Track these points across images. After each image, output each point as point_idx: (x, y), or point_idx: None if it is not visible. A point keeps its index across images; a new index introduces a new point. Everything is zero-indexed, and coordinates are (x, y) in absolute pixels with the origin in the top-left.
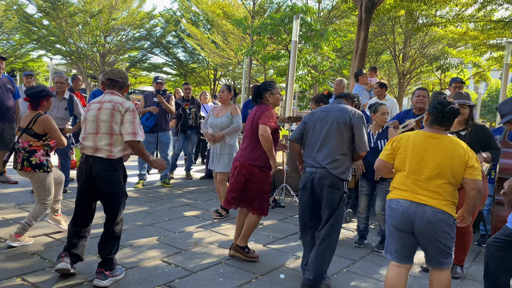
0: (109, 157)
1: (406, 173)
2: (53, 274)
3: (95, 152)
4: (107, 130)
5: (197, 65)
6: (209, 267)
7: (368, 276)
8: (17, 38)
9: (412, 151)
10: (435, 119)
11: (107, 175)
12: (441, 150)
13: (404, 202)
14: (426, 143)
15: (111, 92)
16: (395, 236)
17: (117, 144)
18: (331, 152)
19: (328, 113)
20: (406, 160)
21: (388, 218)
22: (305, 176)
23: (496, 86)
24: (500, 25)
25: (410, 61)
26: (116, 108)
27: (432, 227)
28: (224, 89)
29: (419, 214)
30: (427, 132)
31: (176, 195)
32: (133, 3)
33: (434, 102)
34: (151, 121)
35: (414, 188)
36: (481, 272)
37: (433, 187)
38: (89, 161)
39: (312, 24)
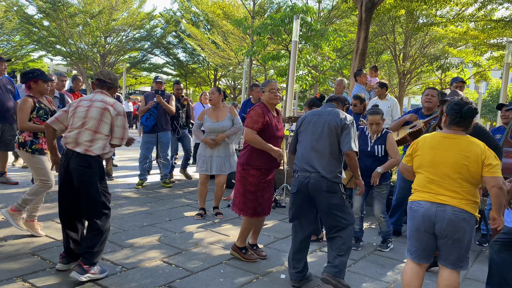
0: (86, 153)
1: (425, 174)
2: (53, 275)
3: (75, 147)
4: (92, 127)
5: (197, 66)
6: (209, 267)
7: (370, 276)
8: (17, 39)
9: (429, 152)
10: (453, 120)
11: (82, 170)
12: (457, 150)
13: (424, 204)
14: (443, 144)
15: (101, 92)
16: (415, 237)
17: (98, 142)
18: (325, 157)
19: (320, 117)
20: (424, 162)
21: (409, 220)
22: (299, 181)
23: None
24: (500, 25)
25: (411, 61)
26: (107, 108)
27: (454, 226)
28: (214, 90)
29: (440, 214)
30: (443, 133)
31: (177, 196)
32: (133, 3)
33: (452, 103)
34: (151, 120)
35: (434, 188)
36: (482, 271)
37: (453, 187)
38: (68, 154)
39: (312, 24)
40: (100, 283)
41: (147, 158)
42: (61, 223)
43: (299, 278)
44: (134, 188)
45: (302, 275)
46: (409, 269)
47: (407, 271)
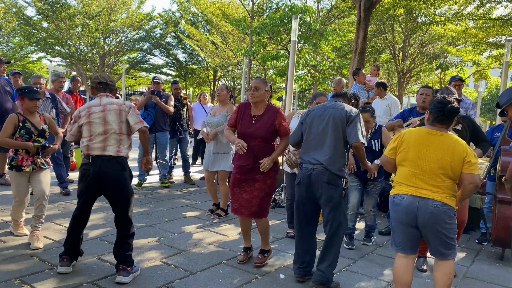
0: (118, 156)
1: (408, 168)
2: (52, 276)
3: (104, 152)
4: (116, 129)
5: (196, 66)
6: (208, 267)
7: (369, 275)
8: (16, 40)
9: (414, 147)
10: (436, 117)
11: (118, 174)
12: (442, 147)
13: (407, 197)
14: (428, 139)
15: (106, 95)
16: (400, 230)
17: (125, 143)
18: (329, 149)
19: (325, 110)
20: (408, 156)
21: (392, 213)
22: (302, 172)
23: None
24: (499, 23)
25: (410, 60)
26: (122, 109)
27: (435, 219)
28: (223, 88)
29: (422, 207)
30: (428, 129)
31: (176, 196)
32: (132, 4)
33: (435, 101)
34: (148, 120)
35: (416, 182)
36: (481, 270)
37: (435, 181)
38: (98, 161)
39: (311, 24)
40: (99, 283)
41: None
42: (73, 227)
43: (302, 273)
44: (133, 188)
45: (305, 271)
46: (398, 265)
47: (396, 267)
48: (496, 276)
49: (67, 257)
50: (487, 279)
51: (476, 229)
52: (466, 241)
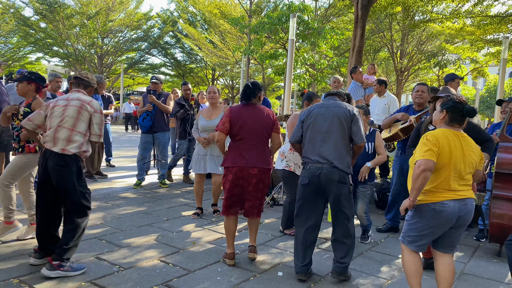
0: (63, 152)
1: (445, 173)
2: (47, 277)
3: (52, 146)
4: (69, 125)
5: (195, 65)
6: (207, 266)
7: (367, 272)
8: (14, 41)
9: (453, 150)
10: (455, 117)
11: (59, 170)
12: (468, 147)
13: (449, 203)
14: (459, 141)
15: (78, 91)
16: (431, 233)
17: (75, 141)
18: (336, 147)
19: (328, 109)
20: (450, 159)
21: (429, 220)
22: (310, 172)
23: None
24: (496, 20)
25: (408, 58)
26: (83, 107)
27: (470, 215)
28: (216, 90)
29: (463, 208)
30: (454, 131)
31: (174, 195)
32: (130, 4)
33: (453, 101)
34: (148, 121)
35: (454, 186)
36: (479, 267)
37: (467, 181)
38: (46, 154)
39: (310, 23)
40: (97, 283)
41: (145, 158)
42: (37, 220)
43: (305, 271)
44: (132, 188)
45: (308, 268)
46: (413, 258)
47: (411, 261)
48: (493, 272)
49: (36, 249)
50: (485, 275)
51: (474, 226)
52: (464, 237)
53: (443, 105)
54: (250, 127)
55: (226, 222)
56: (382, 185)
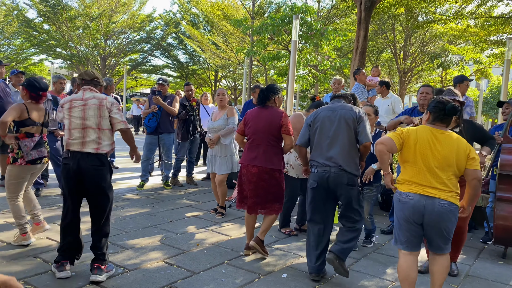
0: (97, 152)
1: (415, 166)
2: (55, 277)
3: (83, 148)
4: (95, 125)
5: (197, 67)
6: (211, 267)
7: (371, 274)
8: (18, 43)
9: (421, 144)
10: (437, 116)
11: (96, 169)
12: (448, 144)
13: (414, 196)
14: (433, 137)
15: (90, 89)
16: (404, 228)
17: (105, 139)
18: (343, 150)
19: (334, 112)
20: (416, 153)
21: (398, 211)
22: (319, 176)
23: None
24: (500, 21)
25: (411, 59)
26: (103, 104)
27: (441, 217)
28: (224, 92)
29: (429, 207)
30: (432, 128)
31: (178, 197)
32: (133, 6)
33: (435, 101)
34: (153, 122)
35: (424, 180)
36: (484, 269)
37: (442, 179)
38: (77, 156)
39: (312, 24)
40: (102, 284)
41: (149, 159)
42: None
43: (318, 271)
44: (136, 189)
45: (321, 268)
46: (404, 262)
47: (402, 265)
48: (498, 274)
49: (66, 261)
50: (490, 277)
51: (478, 228)
52: (468, 239)
53: (428, 107)
54: (255, 128)
55: (245, 214)
56: (385, 187)
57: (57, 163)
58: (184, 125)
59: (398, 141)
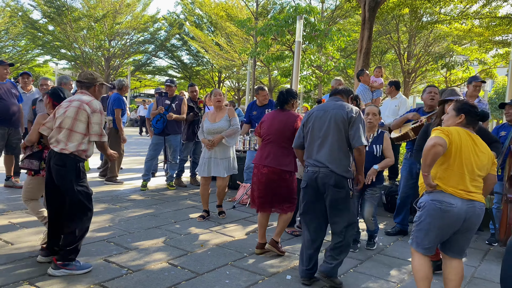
0: (62, 152)
1: (457, 170)
2: (60, 278)
3: (55, 146)
4: (68, 126)
5: (201, 68)
6: (215, 268)
7: (376, 276)
8: (22, 44)
9: (464, 147)
10: (472, 121)
11: (57, 169)
12: (483, 149)
13: (456, 203)
14: (473, 141)
15: (81, 92)
16: (435, 234)
17: (73, 140)
18: (332, 151)
19: (326, 112)
20: (460, 155)
21: (435, 219)
22: (308, 176)
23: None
24: (505, 21)
25: (415, 60)
26: (81, 107)
27: (479, 220)
28: (221, 93)
29: (471, 211)
30: (469, 132)
31: (182, 197)
32: (137, 7)
33: (467, 104)
34: (161, 123)
35: (465, 185)
36: (489, 270)
37: (478, 182)
38: (51, 154)
39: (316, 24)
40: (106, 285)
41: (153, 159)
42: (48, 219)
43: (309, 276)
44: (140, 190)
45: (312, 273)
46: (422, 263)
47: (421, 265)
48: None
49: (43, 247)
50: (496, 279)
51: (483, 229)
52: (474, 241)
53: (460, 109)
54: (269, 128)
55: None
56: (390, 187)
57: None
58: (190, 125)
59: (448, 140)
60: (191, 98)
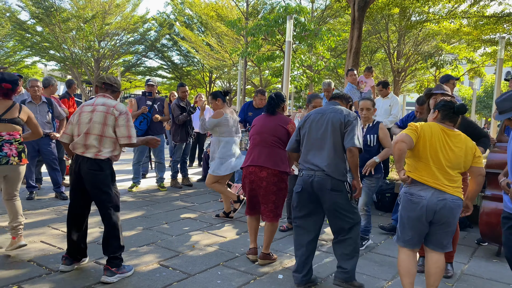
0: (96, 157)
1: (426, 163)
2: (49, 281)
3: (84, 152)
4: (98, 131)
5: (192, 68)
6: (207, 269)
7: (367, 274)
8: (10, 45)
9: (434, 141)
10: (446, 115)
11: (94, 174)
12: (457, 145)
13: (425, 195)
14: (445, 136)
15: (103, 95)
16: (412, 226)
17: (106, 146)
18: (329, 155)
19: (323, 115)
20: (430, 149)
21: (407, 211)
22: (303, 180)
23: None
24: (493, 20)
25: (405, 59)
26: (109, 111)
27: (452, 213)
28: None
29: (442, 203)
30: (443, 126)
31: (173, 198)
32: (127, 7)
33: (444, 101)
34: (144, 124)
35: (433, 177)
36: (479, 267)
37: (452, 177)
38: (78, 160)
39: (306, 24)
40: (97, 287)
41: (140, 161)
42: (68, 226)
43: (303, 282)
44: (128, 191)
45: (306, 279)
46: (406, 257)
47: (404, 260)
48: (494, 272)
49: (66, 256)
50: (485, 275)
51: (473, 227)
52: (463, 238)
53: (435, 106)
54: (259, 129)
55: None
56: (381, 186)
57: (52, 166)
58: (184, 127)
59: (415, 137)
60: (181, 98)
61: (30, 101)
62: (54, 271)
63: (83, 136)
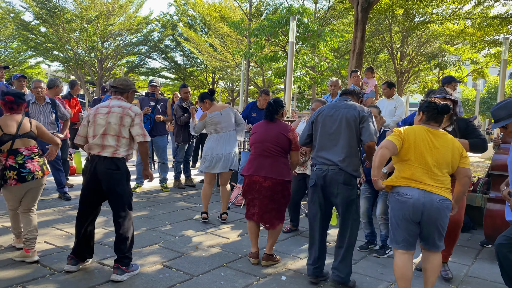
0: (114, 156)
1: (413, 164)
2: (53, 282)
3: (101, 152)
4: (115, 132)
5: (195, 69)
6: (210, 270)
7: (370, 276)
8: (14, 45)
9: (418, 143)
10: (431, 116)
11: (111, 173)
12: (443, 144)
13: (413, 194)
14: (430, 137)
15: (117, 98)
16: (402, 227)
17: (122, 146)
18: (343, 149)
19: (337, 110)
20: (415, 151)
21: (395, 211)
22: (316, 174)
23: (495, 83)
24: (497, 21)
25: (408, 60)
26: (126, 113)
27: (439, 214)
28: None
29: (428, 204)
30: (428, 127)
31: (176, 199)
32: (130, 8)
33: (427, 101)
34: (147, 125)
35: (422, 178)
36: (482, 269)
37: (438, 177)
38: (95, 160)
39: (309, 25)
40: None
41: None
42: (77, 225)
43: (316, 274)
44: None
45: (319, 271)
46: (400, 261)
47: (399, 264)
48: (498, 274)
49: (72, 256)
50: (489, 277)
51: (477, 228)
52: (467, 240)
53: (419, 108)
54: (260, 137)
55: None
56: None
57: (55, 167)
58: (186, 127)
59: (399, 142)
60: (183, 99)
61: (34, 102)
62: (58, 272)
63: (100, 137)
